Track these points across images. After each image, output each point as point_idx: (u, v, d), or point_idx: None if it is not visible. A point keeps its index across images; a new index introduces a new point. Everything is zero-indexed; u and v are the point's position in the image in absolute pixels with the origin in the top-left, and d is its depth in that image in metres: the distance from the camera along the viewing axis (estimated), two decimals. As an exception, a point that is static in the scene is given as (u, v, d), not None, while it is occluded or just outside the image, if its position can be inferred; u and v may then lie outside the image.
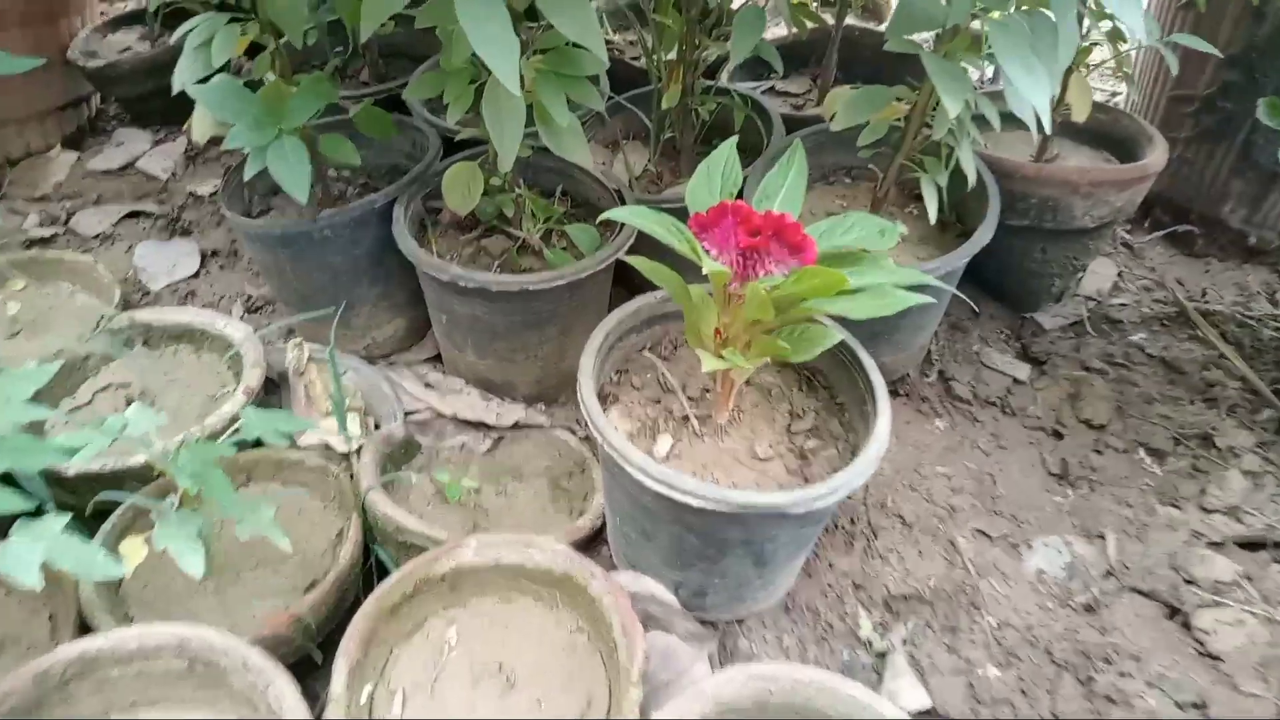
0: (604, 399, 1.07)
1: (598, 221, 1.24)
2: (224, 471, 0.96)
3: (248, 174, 1.16)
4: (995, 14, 0.91)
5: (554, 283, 1.18)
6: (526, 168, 1.42)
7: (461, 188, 1.24)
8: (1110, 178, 1.31)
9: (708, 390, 1.08)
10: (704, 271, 0.84)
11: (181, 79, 1.16)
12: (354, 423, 1.30)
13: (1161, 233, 1.73)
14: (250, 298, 1.60)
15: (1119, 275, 1.62)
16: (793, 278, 0.86)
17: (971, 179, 1.16)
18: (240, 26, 1.16)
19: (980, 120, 1.14)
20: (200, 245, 1.73)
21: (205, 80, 1.17)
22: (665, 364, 1.11)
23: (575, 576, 1.00)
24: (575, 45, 1.14)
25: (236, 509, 0.96)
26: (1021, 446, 1.33)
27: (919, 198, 1.42)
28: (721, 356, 0.95)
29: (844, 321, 1.00)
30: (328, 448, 1.29)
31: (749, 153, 1.56)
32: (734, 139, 0.99)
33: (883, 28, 1.92)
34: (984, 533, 1.23)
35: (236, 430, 1.04)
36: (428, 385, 1.40)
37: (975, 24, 1.05)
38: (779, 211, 0.96)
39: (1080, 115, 1.30)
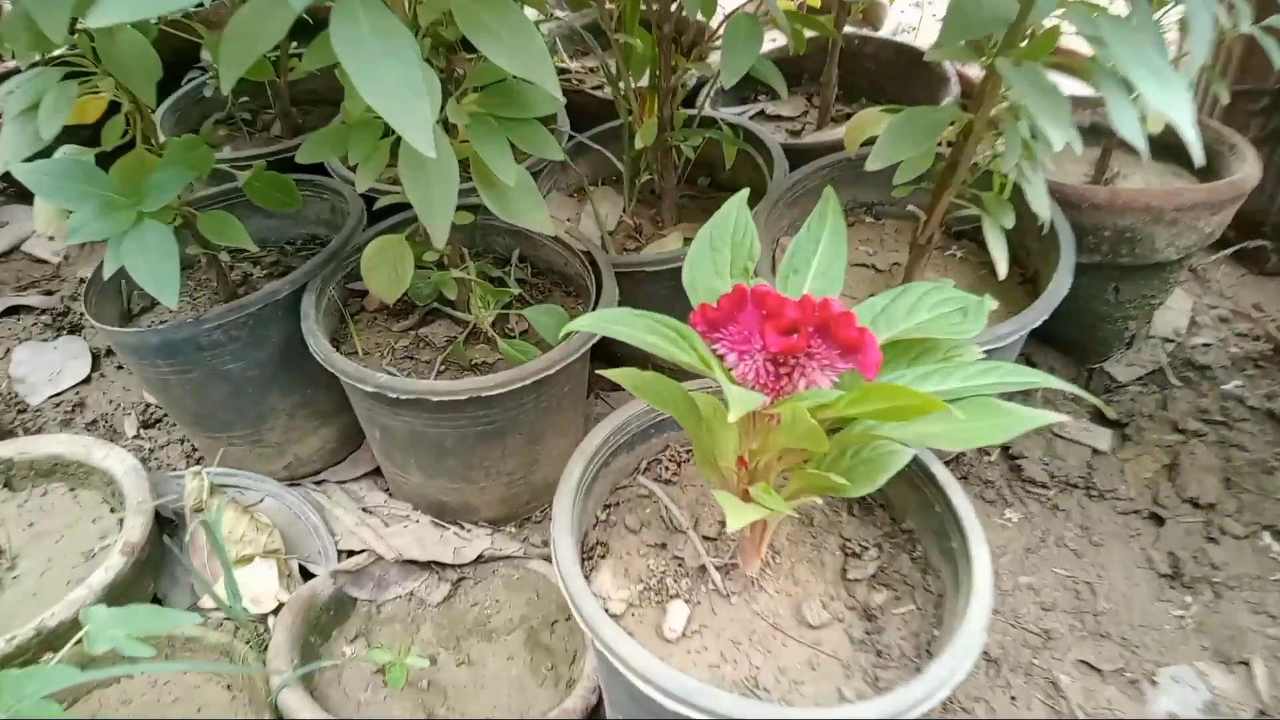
0: (589, 552, 0.78)
1: (560, 334, 0.96)
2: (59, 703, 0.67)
3: (106, 272, 0.88)
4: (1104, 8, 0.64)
5: (513, 384, 0.90)
6: (473, 231, 1.14)
7: (387, 269, 0.96)
8: (1202, 199, 1.05)
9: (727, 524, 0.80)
10: (728, 401, 0.57)
11: (5, 155, 0.88)
12: (268, 576, 1.01)
13: (1228, 251, 1.47)
14: (148, 407, 1.30)
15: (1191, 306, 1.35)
16: (852, 396, 0.59)
17: (1045, 218, 0.90)
18: (78, 84, 0.88)
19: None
20: (93, 344, 1.43)
21: (44, 154, 0.89)
22: (667, 490, 0.83)
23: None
24: (521, 79, 0.87)
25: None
26: (1118, 541, 1.06)
27: (960, 235, 1.16)
28: (749, 497, 0.67)
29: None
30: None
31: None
32: (745, 193, 0.72)
33: (882, 35, 1.66)
34: (1091, 665, 0.95)
35: (80, 642, 0.74)
36: (365, 511, 1.11)
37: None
38: (817, 293, 0.69)
39: (1156, 126, 1.04)
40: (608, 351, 1.29)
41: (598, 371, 0.66)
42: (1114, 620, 0.98)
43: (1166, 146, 1.22)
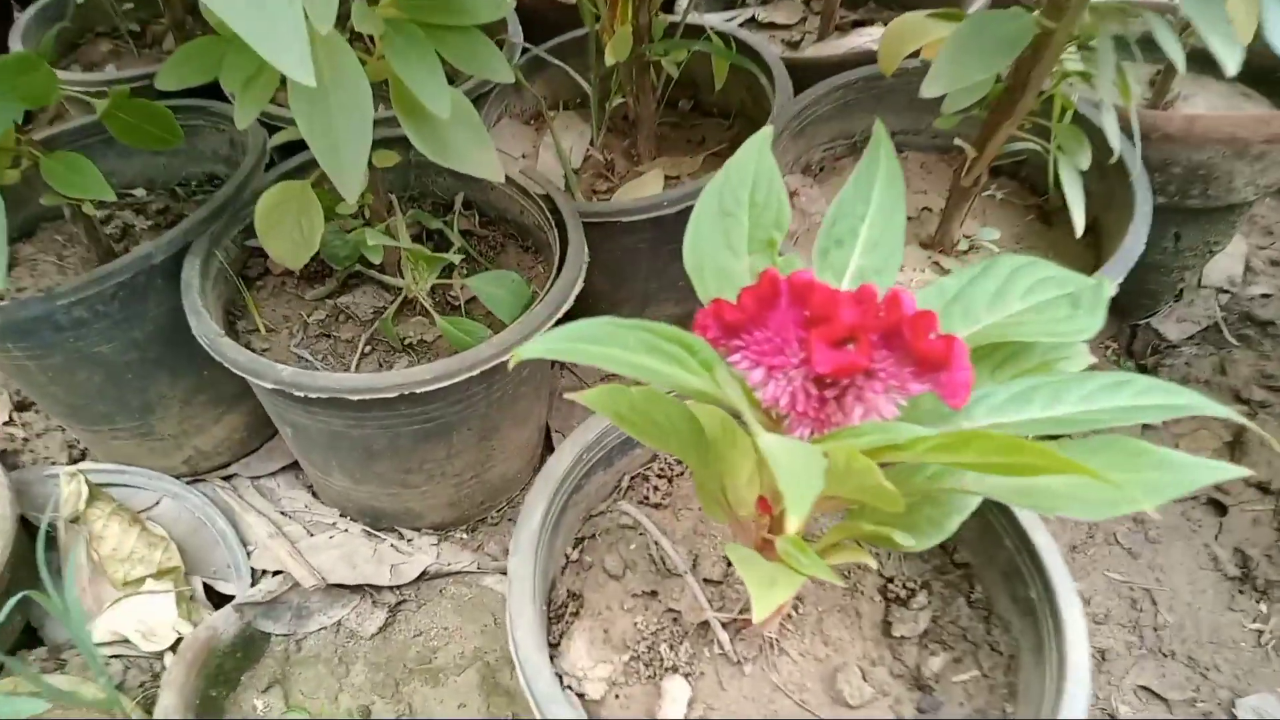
0: (560, 610, 0.60)
1: (515, 351, 0.77)
2: None
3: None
4: None
5: (455, 376, 0.71)
6: (407, 172, 0.92)
7: (289, 227, 0.74)
8: (1298, 127, 0.86)
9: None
10: (760, 447, 0.37)
11: None
12: (162, 601, 0.82)
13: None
14: (20, 389, 1.09)
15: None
16: (941, 441, 0.40)
17: (1116, 151, 0.70)
18: None
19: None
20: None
21: None
22: (657, 517, 0.65)
23: None
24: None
25: None
26: (1177, 536, 0.91)
27: (998, 171, 0.96)
28: (772, 551, 0.50)
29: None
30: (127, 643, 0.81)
31: (737, 123, 1.08)
32: (767, 133, 0.51)
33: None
34: (1154, 693, 0.80)
35: None
36: (285, 515, 0.92)
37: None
38: (870, 277, 0.51)
39: (1246, 35, 0.84)
40: (586, 307, 1.10)
41: (566, 396, 0.46)
42: (1179, 636, 0.84)
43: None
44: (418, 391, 0.70)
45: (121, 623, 0.82)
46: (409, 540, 0.88)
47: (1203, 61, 0.89)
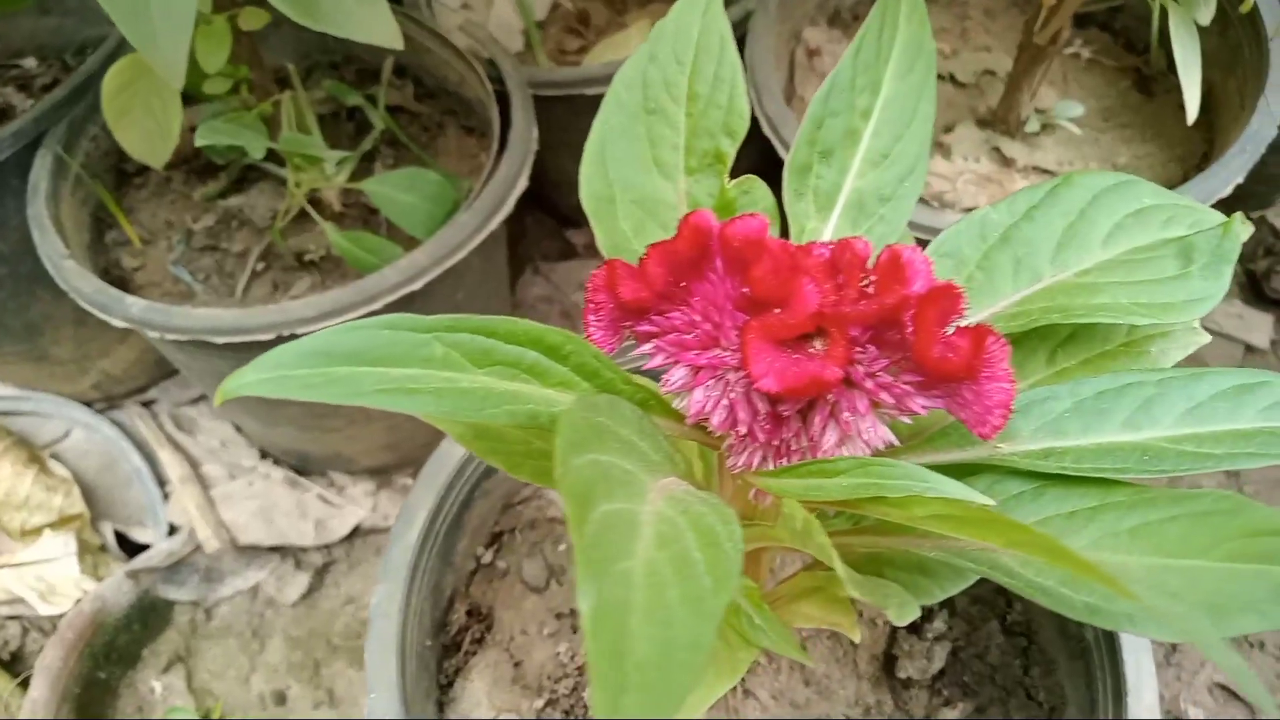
0: (457, 638, 0.46)
1: (219, 396, 0.61)
2: None
3: None
4: None
5: (349, 311, 0.55)
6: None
7: (140, 111, 0.57)
8: None
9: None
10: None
11: None
12: (63, 555, 0.71)
13: None
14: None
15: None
16: (946, 512, 0.24)
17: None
18: None
19: None
20: None
21: None
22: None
23: None
24: None
25: None
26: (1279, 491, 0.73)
27: (1083, 21, 0.73)
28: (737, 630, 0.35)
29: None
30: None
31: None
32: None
33: None
34: (1233, 692, 0.65)
35: None
36: (207, 452, 0.79)
37: None
38: (874, 209, 0.33)
39: None
40: (544, 214, 0.93)
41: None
42: None
43: None
44: (299, 333, 0.54)
45: (16, 581, 0.72)
46: (341, 489, 0.75)
47: None
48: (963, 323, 0.26)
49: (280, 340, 0.55)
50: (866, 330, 0.26)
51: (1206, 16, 0.51)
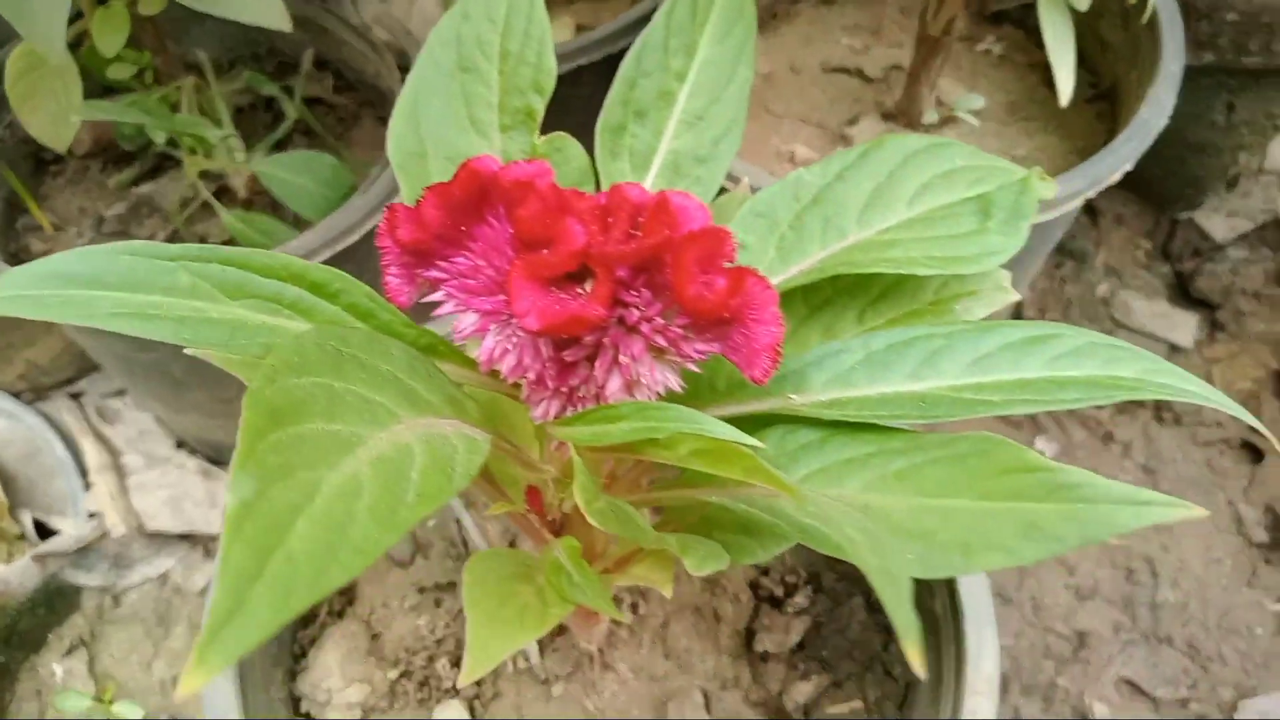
0: (314, 610, 0.46)
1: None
2: None
3: None
4: None
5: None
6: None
7: (44, 95, 0.58)
8: None
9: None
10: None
11: None
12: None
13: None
14: None
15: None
16: (672, 438, 0.24)
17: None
18: None
19: None
20: None
21: None
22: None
23: None
24: None
25: None
26: (1197, 490, 0.73)
27: (999, 19, 0.74)
28: (553, 589, 0.35)
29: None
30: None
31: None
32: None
33: None
34: (1140, 689, 0.65)
35: None
36: (126, 442, 0.79)
37: None
38: (659, 178, 0.33)
39: None
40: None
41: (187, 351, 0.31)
42: (1180, 617, 0.67)
43: None
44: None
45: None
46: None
47: None
48: (773, 281, 0.26)
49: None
50: (635, 273, 0.26)
51: (1084, 3, 0.52)
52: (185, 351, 0.28)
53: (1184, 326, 0.81)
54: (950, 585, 0.41)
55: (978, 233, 0.31)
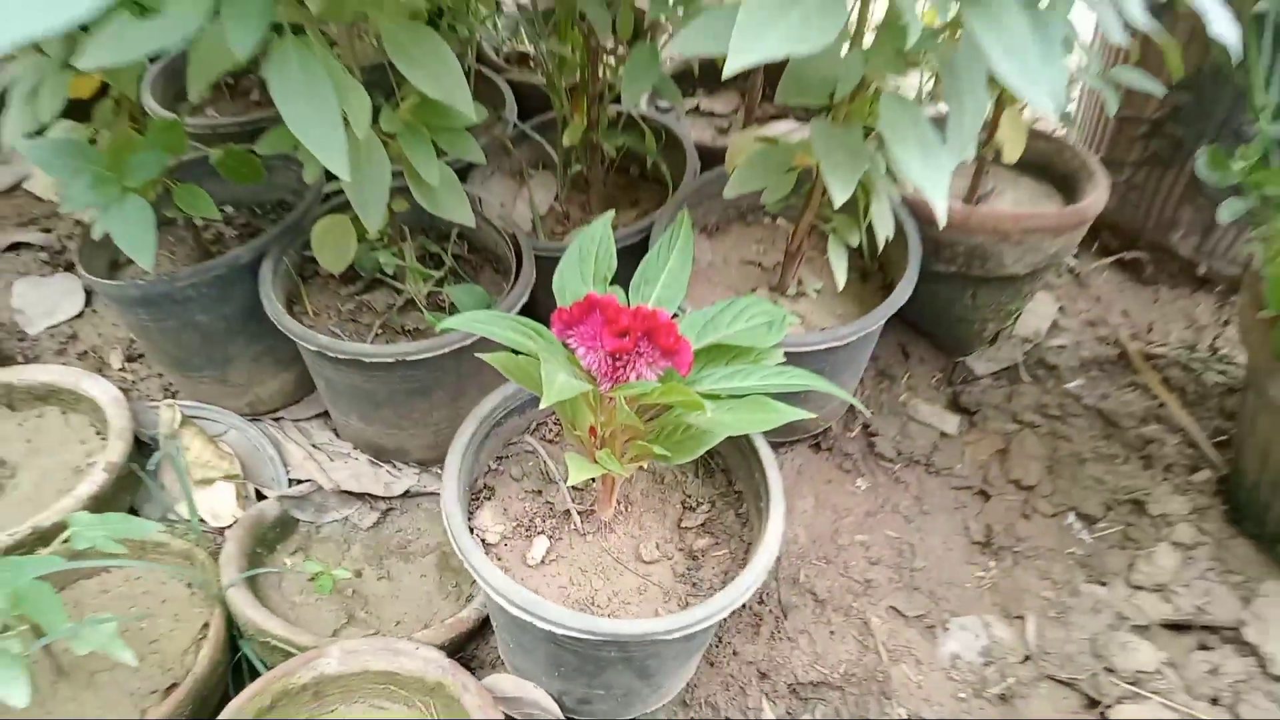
0: (478, 494, 0.97)
1: (440, 326, 1.14)
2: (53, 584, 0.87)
3: (96, 234, 1.05)
4: (888, 82, 0.80)
5: (435, 352, 1.08)
6: (419, 212, 1.31)
7: (333, 245, 1.13)
8: (1045, 224, 1.22)
9: (595, 479, 0.99)
10: (544, 385, 0.74)
11: (10, 133, 1.04)
12: (227, 496, 1.21)
13: (1110, 259, 1.64)
14: (132, 343, 1.48)
15: (1060, 309, 1.53)
16: (660, 390, 0.77)
17: (887, 234, 1.06)
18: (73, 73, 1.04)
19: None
20: (85, 282, 1.60)
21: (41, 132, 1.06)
22: (549, 449, 1.02)
23: (448, 687, 0.92)
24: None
25: (66, 631, 0.86)
26: (945, 511, 1.26)
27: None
28: (596, 460, 0.86)
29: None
30: (203, 522, 1.19)
31: (668, 189, 1.46)
32: (609, 215, 0.89)
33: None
34: (899, 611, 1.15)
35: (67, 540, 0.94)
36: (315, 447, 1.30)
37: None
38: (653, 305, 0.87)
39: (1011, 156, 1.20)
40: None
41: (478, 355, 0.84)
42: (925, 576, 1.18)
43: (1041, 168, 1.40)
44: (408, 359, 1.07)
45: (199, 507, 1.21)
46: (399, 469, 1.26)
47: (1021, 164, 1.27)
48: (692, 345, 0.80)
49: (400, 363, 1.08)
50: (643, 335, 0.80)
51: (854, 241, 1.09)
52: (476, 355, 0.81)
53: (951, 422, 1.36)
54: (768, 494, 0.92)
55: (768, 333, 0.85)
